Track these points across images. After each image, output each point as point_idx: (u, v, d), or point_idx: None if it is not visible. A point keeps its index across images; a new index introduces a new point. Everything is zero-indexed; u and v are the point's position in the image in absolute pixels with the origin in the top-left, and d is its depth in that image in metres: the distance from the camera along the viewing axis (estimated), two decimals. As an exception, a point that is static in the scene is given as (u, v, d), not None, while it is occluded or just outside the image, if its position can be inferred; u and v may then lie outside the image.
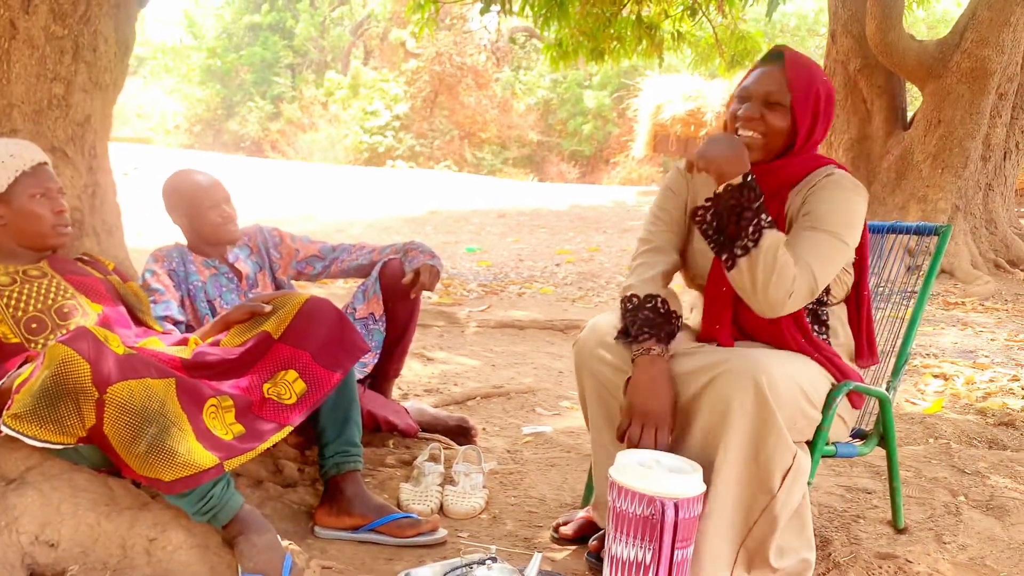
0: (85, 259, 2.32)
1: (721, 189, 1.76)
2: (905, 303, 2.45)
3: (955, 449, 2.94)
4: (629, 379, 1.81)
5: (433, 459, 2.56)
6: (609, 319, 1.98)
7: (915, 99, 10.56)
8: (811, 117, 1.82)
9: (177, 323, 2.45)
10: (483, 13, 6.26)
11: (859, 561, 2.04)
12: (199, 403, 1.81)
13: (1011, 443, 3.09)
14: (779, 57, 1.84)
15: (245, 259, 2.70)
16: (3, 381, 1.82)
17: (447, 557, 2.01)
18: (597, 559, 1.91)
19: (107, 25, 2.47)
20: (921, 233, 2.30)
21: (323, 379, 1.98)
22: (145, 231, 8.76)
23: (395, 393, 3.12)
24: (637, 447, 1.71)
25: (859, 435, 2.16)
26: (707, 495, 1.67)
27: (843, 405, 1.91)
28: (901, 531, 2.25)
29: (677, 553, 1.58)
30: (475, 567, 1.64)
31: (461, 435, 2.87)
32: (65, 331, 1.93)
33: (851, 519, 2.34)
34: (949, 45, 7.55)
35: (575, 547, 2.12)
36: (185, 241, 2.65)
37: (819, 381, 1.82)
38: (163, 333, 2.26)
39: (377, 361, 2.74)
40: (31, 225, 2.08)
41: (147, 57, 28.73)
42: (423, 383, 3.84)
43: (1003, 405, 3.56)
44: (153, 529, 1.81)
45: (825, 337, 1.93)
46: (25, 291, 2.03)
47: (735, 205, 1.74)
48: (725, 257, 1.78)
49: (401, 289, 2.62)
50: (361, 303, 2.69)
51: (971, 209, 7.91)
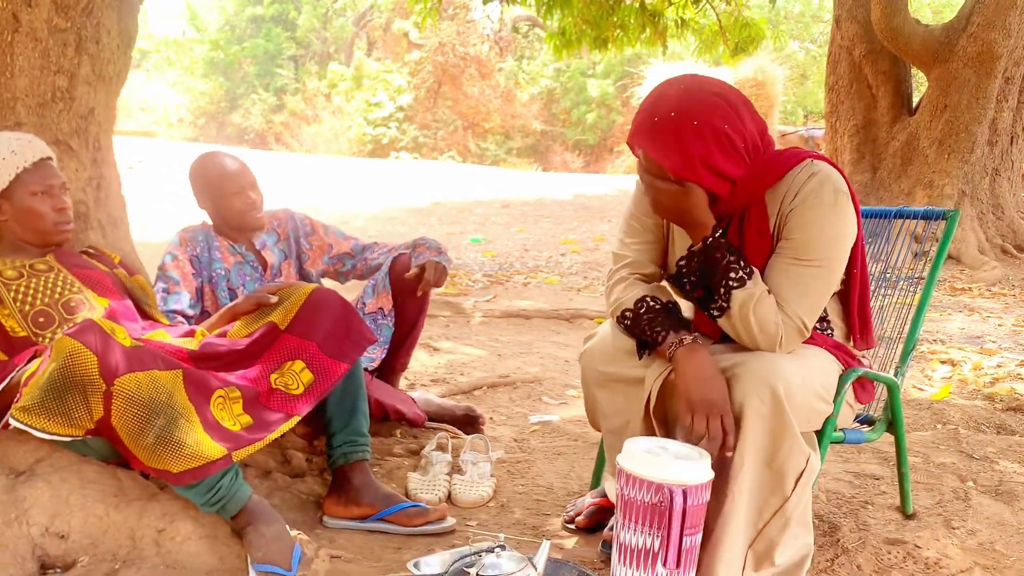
0: (91, 252, 2.32)
1: (689, 251, 1.78)
2: (912, 289, 2.44)
3: (963, 435, 2.93)
4: (666, 376, 1.76)
5: (440, 448, 2.56)
6: (615, 329, 1.93)
7: (921, 84, 10.50)
8: (708, 174, 1.69)
9: (187, 318, 2.44)
10: (486, 3, 6.25)
11: (868, 547, 2.04)
12: (206, 394, 1.81)
13: (1019, 428, 3.08)
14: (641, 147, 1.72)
15: (272, 246, 2.66)
16: (12, 375, 1.83)
17: (455, 546, 2.01)
18: (611, 548, 1.90)
19: (109, 17, 2.46)
20: (928, 218, 2.29)
21: (330, 369, 1.98)
22: (149, 224, 8.77)
23: (402, 383, 3.12)
24: (709, 439, 1.64)
25: (867, 421, 2.16)
26: (723, 502, 1.66)
27: (849, 392, 1.90)
28: (910, 517, 2.25)
29: (686, 540, 1.58)
30: (484, 555, 1.64)
31: (468, 424, 2.87)
32: (72, 325, 1.93)
33: (859, 505, 2.33)
34: (955, 29, 7.50)
35: (584, 535, 2.12)
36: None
37: (830, 373, 1.81)
38: (170, 325, 2.26)
39: (385, 355, 2.74)
40: (33, 222, 2.08)
41: (150, 50, 28.72)
42: (429, 373, 3.84)
43: (1011, 390, 3.55)
44: (162, 520, 1.81)
45: (826, 331, 1.91)
46: (32, 285, 2.03)
47: (704, 265, 1.75)
48: (707, 314, 1.80)
49: (410, 284, 2.61)
50: (370, 297, 2.69)
51: (978, 194, 7.87)
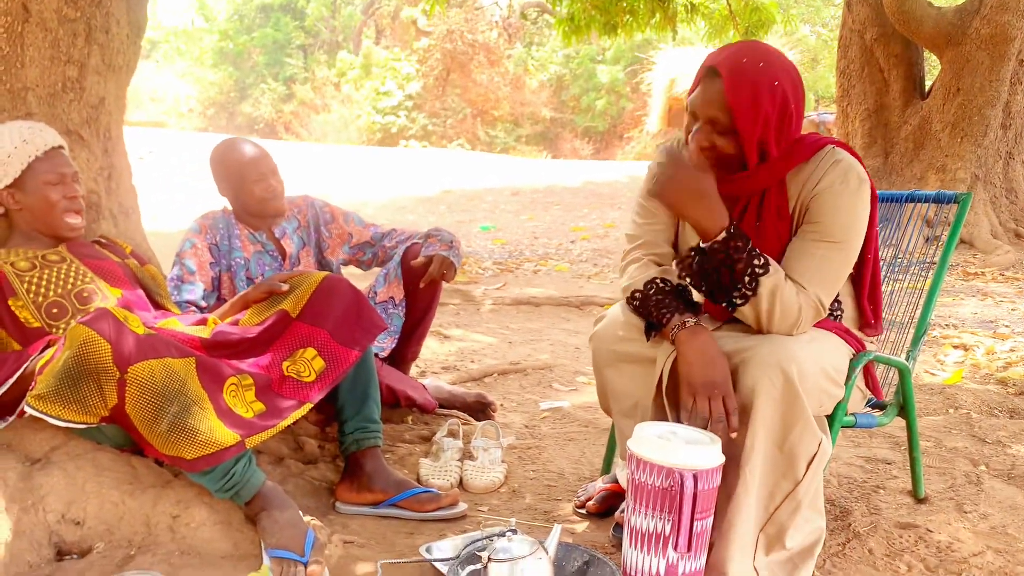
0: (103, 242, 2.34)
1: (706, 246, 1.72)
2: (924, 274, 2.43)
3: (975, 419, 2.92)
4: (671, 358, 1.75)
5: (452, 434, 2.57)
6: (626, 308, 1.94)
7: (933, 67, 10.41)
8: (760, 136, 1.71)
9: (200, 309, 2.44)
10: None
11: (879, 531, 2.04)
12: (219, 382, 1.83)
13: (1032, 412, 3.07)
14: (719, 74, 1.71)
15: (292, 234, 2.66)
16: (26, 364, 1.84)
17: (467, 531, 2.03)
18: (623, 532, 1.91)
19: (119, 7, 2.46)
20: (940, 202, 2.27)
21: (341, 356, 1.99)
22: (160, 214, 8.80)
23: (413, 371, 3.13)
24: (710, 419, 1.64)
25: (878, 406, 2.15)
26: (735, 485, 1.66)
27: (860, 377, 1.90)
28: (921, 501, 2.25)
29: (697, 524, 1.59)
30: (495, 540, 1.65)
31: (479, 411, 2.88)
32: (86, 314, 1.95)
33: (871, 489, 2.33)
34: (968, 11, 7.43)
35: (595, 519, 2.13)
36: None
37: (841, 356, 1.80)
38: (182, 314, 2.27)
39: (395, 345, 2.75)
40: (45, 212, 2.09)
41: (159, 41, 28.76)
42: (440, 361, 3.85)
43: (1024, 375, 3.54)
44: (176, 506, 1.83)
45: (835, 316, 1.91)
46: (45, 276, 2.04)
47: (724, 259, 1.71)
48: (724, 304, 1.77)
49: (420, 274, 2.61)
50: (382, 286, 2.69)
51: (991, 178, 7.82)
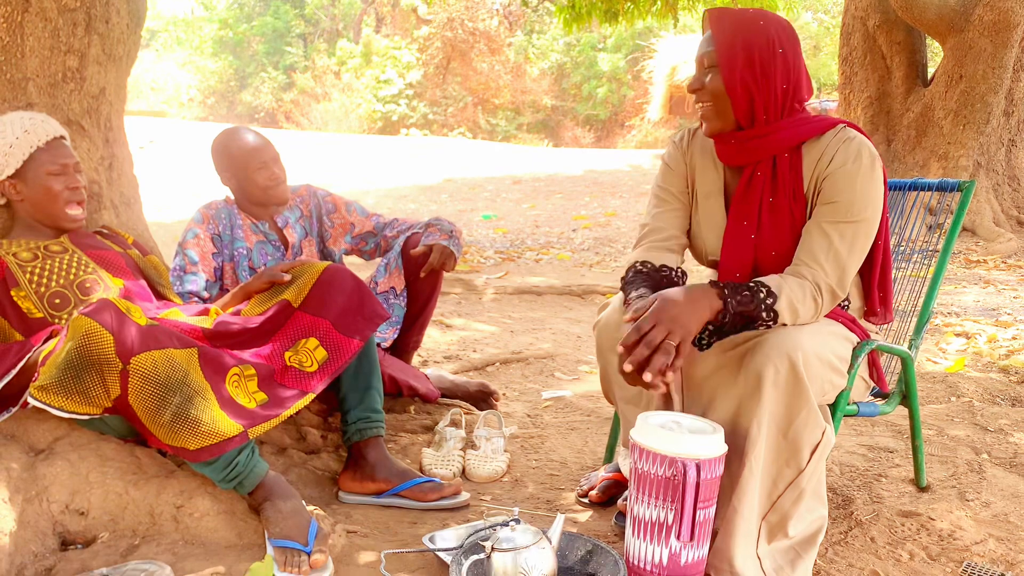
0: (104, 232, 2.33)
1: (719, 324, 1.68)
2: (926, 262, 2.43)
3: (978, 407, 2.93)
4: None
5: (454, 424, 2.58)
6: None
7: (935, 54, 10.37)
8: (741, 76, 1.71)
9: (203, 300, 2.44)
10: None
11: (881, 519, 2.04)
12: (222, 372, 1.83)
13: (1034, 400, 3.07)
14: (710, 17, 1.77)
15: (294, 223, 2.65)
16: (29, 355, 1.84)
17: (470, 520, 2.03)
18: (625, 520, 1.91)
19: (118, -4, 2.45)
20: (943, 190, 2.26)
21: (344, 346, 1.99)
22: (161, 204, 8.79)
23: (415, 360, 3.13)
24: (649, 359, 1.55)
25: (881, 394, 2.15)
26: (739, 473, 1.66)
27: (863, 365, 1.90)
28: (924, 489, 2.25)
29: (699, 513, 1.59)
30: (499, 529, 1.65)
31: (482, 400, 2.88)
32: (88, 305, 1.95)
33: (873, 478, 2.34)
34: (971, -2, 7.39)
35: (598, 509, 2.13)
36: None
37: (844, 345, 1.80)
38: (184, 304, 2.27)
39: (397, 335, 2.75)
40: (47, 202, 2.09)
41: (159, 30, 28.70)
42: (442, 350, 3.85)
43: (1026, 363, 3.54)
44: (180, 497, 1.83)
45: (843, 305, 1.91)
46: (47, 267, 2.04)
47: (739, 320, 1.68)
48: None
49: (421, 264, 2.61)
50: (382, 277, 2.69)
51: (993, 165, 7.79)
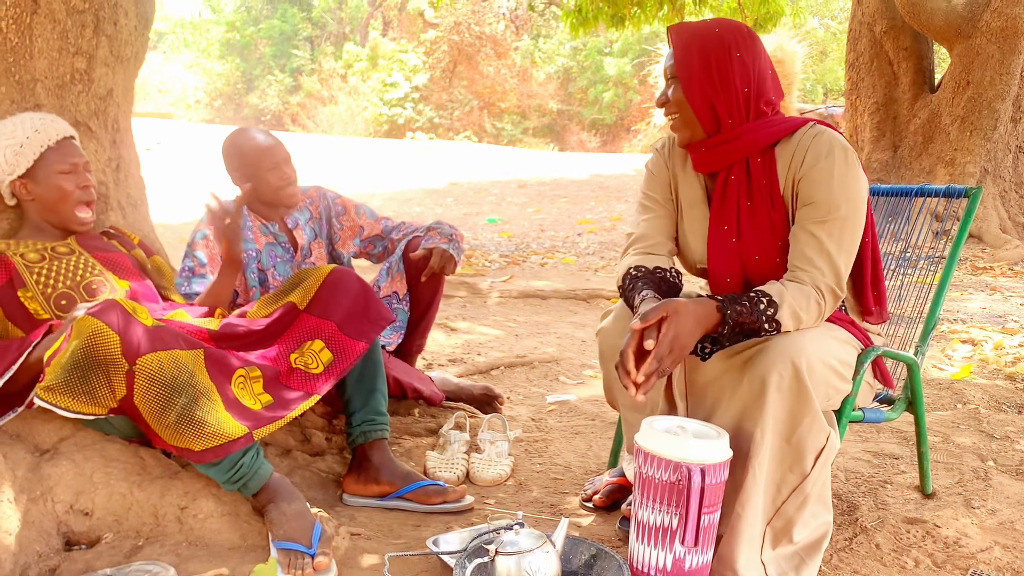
0: (111, 233, 2.34)
1: (717, 335, 1.69)
2: (932, 268, 2.42)
3: (984, 414, 2.92)
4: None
5: (459, 427, 2.58)
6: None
7: (943, 60, 10.35)
8: (698, 77, 1.73)
9: None
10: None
11: (886, 526, 2.03)
12: (227, 373, 1.83)
13: (1041, 408, 3.06)
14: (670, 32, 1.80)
15: (304, 225, 2.64)
16: (29, 351, 1.84)
17: (473, 523, 2.03)
18: (629, 525, 1.91)
19: (127, -2, 2.46)
20: (951, 196, 2.26)
21: (349, 348, 1.99)
22: (167, 206, 8.82)
23: (419, 364, 3.13)
24: (653, 357, 1.57)
25: (886, 400, 2.15)
26: (743, 478, 1.66)
27: (868, 372, 1.89)
28: (929, 496, 2.24)
29: (704, 518, 1.59)
30: (503, 533, 1.65)
31: (486, 404, 2.88)
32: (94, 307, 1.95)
33: (878, 484, 2.33)
34: (978, 4, 7.38)
35: (602, 513, 2.13)
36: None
37: (848, 351, 1.80)
38: (189, 305, 2.27)
39: (401, 340, 2.75)
40: (57, 201, 2.10)
41: (166, 32, 28.80)
42: (446, 353, 3.85)
43: (1033, 370, 3.52)
44: (184, 498, 1.83)
45: (843, 307, 1.90)
46: (54, 268, 2.05)
47: (740, 331, 1.68)
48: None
49: (422, 268, 2.61)
50: (385, 281, 2.69)
51: (1000, 172, 7.77)
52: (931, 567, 1.85)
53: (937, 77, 8.26)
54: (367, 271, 2.86)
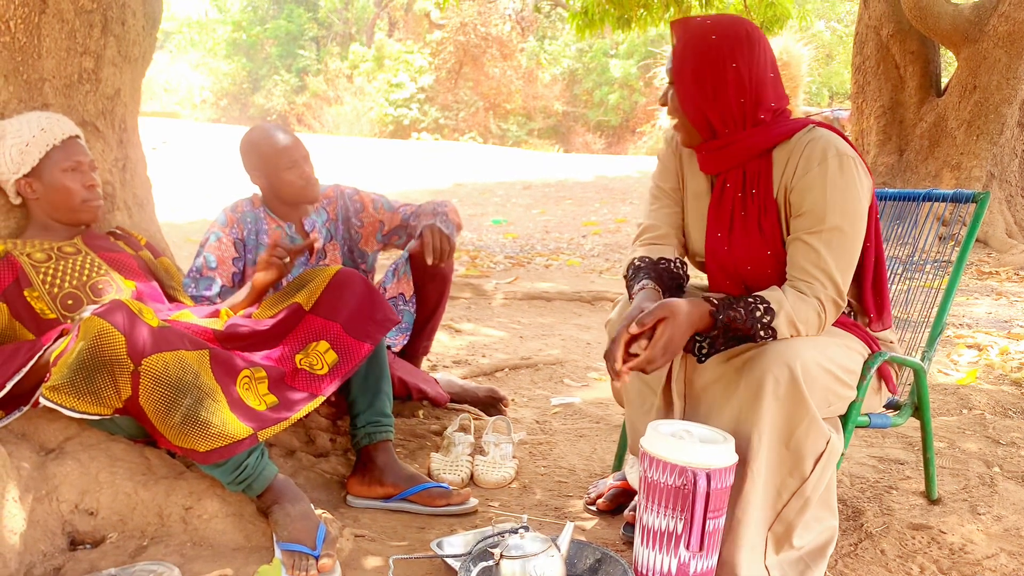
0: (118, 233, 2.34)
1: (711, 336, 1.70)
2: (939, 273, 2.41)
3: (989, 420, 2.91)
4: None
5: (463, 429, 2.57)
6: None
7: (949, 64, 10.33)
8: (690, 88, 1.73)
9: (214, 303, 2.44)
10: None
11: (892, 531, 2.03)
12: (232, 374, 1.83)
13: (1047, 414, 3.05)
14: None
15: (320, 227, 2.62)
16: (40, 354, 1.85)
17: (478, 526, 2.03)
18: (634, 530, 1.91)
19: (135, -2, 2.47)
20: (958, 201, 2.25)
21: (354, 350, 1.99)
22: (173, 205, 8.83)
23: (424, 365, 3.12)
24: (644, 359, 1.60)
25: (892, 406, 2.14)
26: (743, 483, 1.65)
27: (876, 377, 1.89)
28: (935, 502, 2.23)
29: (709, 523, 1.58)
30: (507, 536, 1.65)
31: (491, 406, 2.88)
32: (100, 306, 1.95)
33: (883, 490, 2.32)
34: (985, 8, 7.36)
35: (606, 517, 2.13)
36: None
37: (853, 356, 1.79)
38: (195, 306, 2.27)
39: (407, 341, 2.74)
40: (63, 199, 2.10)
41: (173, 31, 28.84)
42: (451, 355, 3.85)
43: (1039, 375, 3.51)
44: (189, 498, 1.83)
45: (848, 312, 1.90)
46: (61, 268, 2.05)
47: (732, 333, 1.68)
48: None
49: (430, 270, 2.59)
50: (391, 282, 2.68)
51: (1006, 176, 7.75)
52: (936, 574, 1.85)
53: (944, 81, 8.24)
54: (376, 272, 2.85)
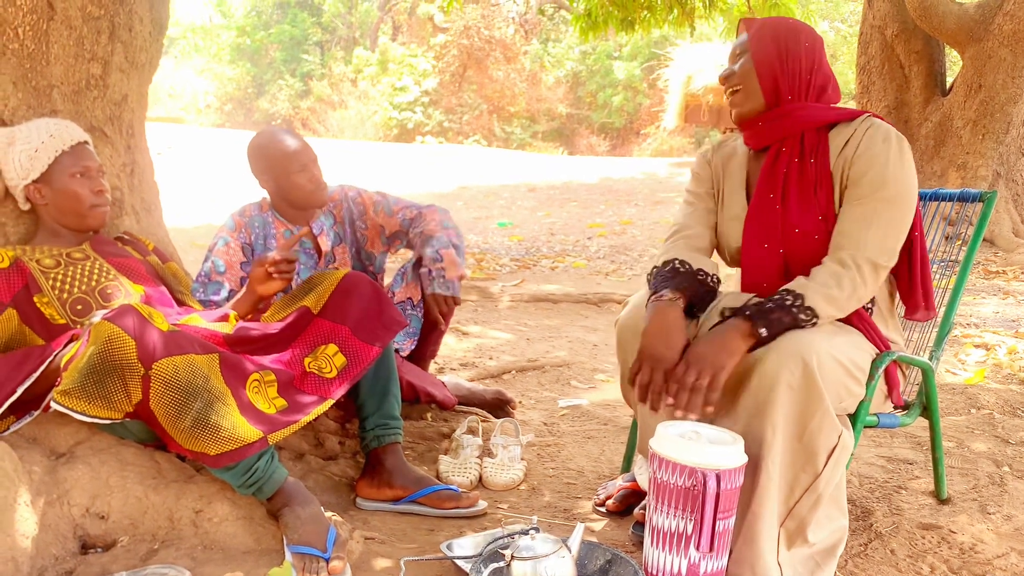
0: (125, 238, 2.35)
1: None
2: (945, 272, 2.41)
3: (998, 419, 2.90)
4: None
5: (471, 432, 2.58)
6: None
7: (954, 64, 10.31)
8: (769, 55, 1.86)
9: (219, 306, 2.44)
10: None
11: (901, 531, 2.03)
12: (242, 378, 1.83)
13: (1056, 413, 3.04)
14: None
15: (328, 230, 2.62)
16: (50, 359, 1.86)
17: (487, 528, 2.03)
18: (643, 530, 1.91)
19: (142, 4, 2.48)
20: (965, 200, 2.25)
21: (362, 353, 2.00)
22: (179, 211, 8.85)
23: (431, 368, 3.13)
24: (646, 393, 1.68)
25: (902, 405, 2.14)
26: (757, 479, 1.65)
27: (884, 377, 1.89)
28: (944, 502, 2.23)
29: (719, 524, 1.58)
30: (518, 537, 1.65)
31: (498, 408, 2.88)
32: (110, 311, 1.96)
33: (892, 490, 2.32)
34: (990, 7, 7.35)
35: (615, 518, 2.13)
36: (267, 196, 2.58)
37: (862, 354, 1.79)
38: (204, 310, 2.28)
39: (415, 346, 2.74)
40: (71, 205, 2.11)
41: (177, 37, 28.93)
42: (458, 357, 3.85)
43: (1047, 375, 3.50)
44: (199, 502, 1.84)
45: (869, 308, 1.90)
46: (70, 273, 2.06)
47: (779, 330, 1.71)
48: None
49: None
50: (399, 286, 2.69)
51: (1012, 175, 7.74)
52: (947, 573, 1.85)
53: (949, 80, 8.23)
54: (386, 275, 2.84)
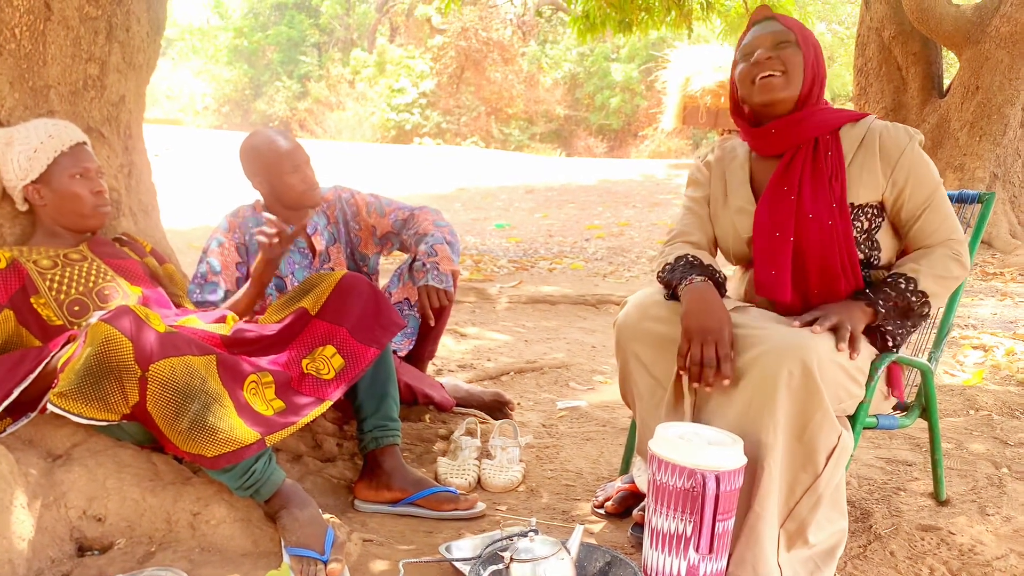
0: (123, 240, 2.35)
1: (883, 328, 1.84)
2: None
3: (997, 421, 2.90)
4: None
5: (470, 433, 2.57)
6: (650, 292, 1.96)
7: (951, 66, 10.32)
8: (813, 55, 1.92)
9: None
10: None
11: (900, 533, 2.02)
12: (240, 379, 1.83)
13: (1054, 414, 3.04)
14: (771, 18, 1.97)
15: (322, 230, 2.62)
16: (47, 361, 1.85)
17: (485, 530, 2.02)
18: (642, 531, 1.90)
19: (139, 5, 2.47)
20: (963, 201, 2.25)
21: (360, 354, 1.99)
22: (176, 212, 8.83)
23: (429, 369, 3.12)
24: (701, 367, 1.70)
25: (900, 407, 2.14)
26: (759, 478, 1.65)
27: (883, 378, 1.89)
28: (943, 503, 2.23)
29: (718, 525, 1.58)
30: (517, 539, 1.64)
31: (497, 409, 2.88)
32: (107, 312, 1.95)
33: (892, 491, 2.32)
34: (987, 9, 7.36)
35: (614, 520, 2.12)
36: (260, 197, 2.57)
37: (863, 356, 1.79)
38: (201, 311, 2.27)
39: (412, 346, 2.74)
40: (71, 206, 2.11)
41: (175, 38, 28.90)
42: (456, 359, 3.85)
43: (1045, 376, 3.50)
44: (196, 504, 1.83)
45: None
46: (67, 274, 2.05)
47: (893, 318, 1.84)
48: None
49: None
50: (396, 287, 2.68)
51: (1010, 177, 7.74)
52: (946, 575, 1.84)
53: (946, 82, 8.24)
54: (381, 276, 2.84)
